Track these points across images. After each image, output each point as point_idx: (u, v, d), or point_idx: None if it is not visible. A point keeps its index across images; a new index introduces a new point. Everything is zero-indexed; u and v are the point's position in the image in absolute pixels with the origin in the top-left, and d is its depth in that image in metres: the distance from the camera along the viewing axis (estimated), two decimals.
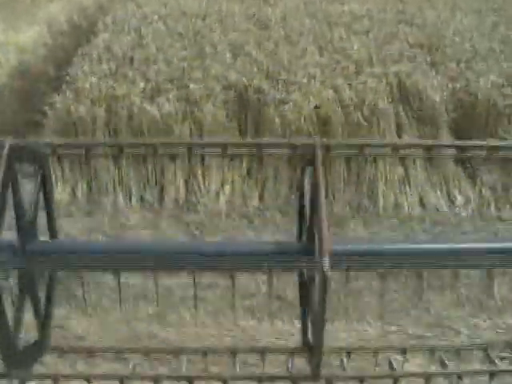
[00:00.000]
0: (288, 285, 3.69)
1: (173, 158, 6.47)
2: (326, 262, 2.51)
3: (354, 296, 4.59)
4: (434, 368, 4.27)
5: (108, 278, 4.54)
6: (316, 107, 6.59)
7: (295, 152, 3.22)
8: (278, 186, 6.50)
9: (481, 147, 3.65)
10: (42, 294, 3.17)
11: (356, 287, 4.45)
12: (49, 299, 3.27)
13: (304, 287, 3.09)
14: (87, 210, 6.18)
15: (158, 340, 4.47)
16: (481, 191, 6.65)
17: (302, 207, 3.06)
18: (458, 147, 3.58)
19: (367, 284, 4.65)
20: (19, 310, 2.90)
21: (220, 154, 3.40)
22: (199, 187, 6.52)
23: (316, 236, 2.70)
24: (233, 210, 6.32)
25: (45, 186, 3.14)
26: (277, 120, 6.49)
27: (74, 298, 4.51)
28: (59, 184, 6.63)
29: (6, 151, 2.71)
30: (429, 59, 7.89)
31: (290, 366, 3.37)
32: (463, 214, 6.33)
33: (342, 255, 2.84)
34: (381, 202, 6.41)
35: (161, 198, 6.51)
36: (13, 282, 2.92)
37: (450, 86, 7.15)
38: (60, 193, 6.54)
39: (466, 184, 6.71)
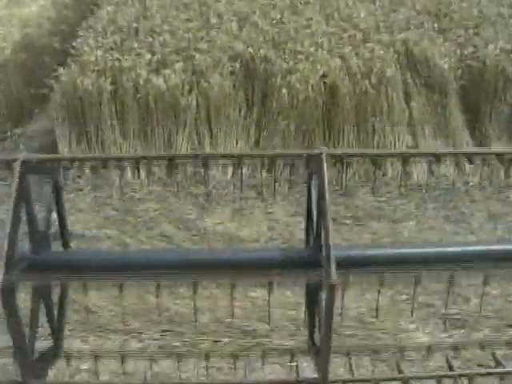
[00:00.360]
0: None
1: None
2: (333, 273, 2.54)
3: None
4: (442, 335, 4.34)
5: None
6: (324, 76, 6.53)
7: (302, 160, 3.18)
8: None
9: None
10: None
11: None
12: (61, 308, 3.28)
13: (310, 291, 3.09)
14: (95, 184, 6.16)
15: (169, 313, 4.48)
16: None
17: (309, 212, 3.04)
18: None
19: None
20: (33, 319, 2.92)
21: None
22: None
23: (323, 246, 2.70)
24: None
25: (57, 197, 3.14)
26: (284, 90, 6.44)
27: None
28: None
29: (18, 167, 2.71)
30: (436, 26, 7.80)
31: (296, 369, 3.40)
32: (472, 181, 6.29)
33: (348, 264, 2.83)
34: (389, 171, 6.38)
35: (169, 171, 6.50)
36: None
37: (457, 52, 7.07)
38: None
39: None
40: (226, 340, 4.29)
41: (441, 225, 5.64)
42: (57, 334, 3.21)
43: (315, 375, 2.93)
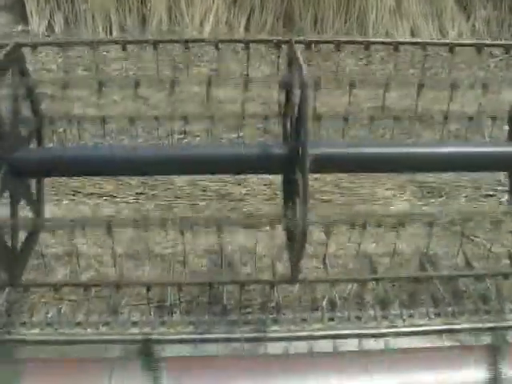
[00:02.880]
0: None
1: None
2: (307, 166, 2.61)
3: None
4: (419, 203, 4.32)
5: None
6: None
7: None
8: (264, 16, 6.25)
9: None
10: None
11: None
12: (37, 208, 3.28)
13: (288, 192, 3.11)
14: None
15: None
16: (474, 25, 6.47)
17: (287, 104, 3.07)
18: None
19: None
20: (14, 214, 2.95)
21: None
22: (182, 16, 6.28)
23: (300, 137, 2.70)
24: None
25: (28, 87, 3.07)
26: None
27: None
28: (34, 17, 6.33)
29: None
30: None
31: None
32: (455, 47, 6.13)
33: (324, 158, 2.84)
34: (371, 34, 6.22)
35: (143, 29, 6.27)
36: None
37: None
38: (36, 27, 6.30)
39: (460, 17, 6.50)
40: (202, 204, 4.23)
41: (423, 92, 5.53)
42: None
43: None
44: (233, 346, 3.26)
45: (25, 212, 3.24)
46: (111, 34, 6.23)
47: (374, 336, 3.36)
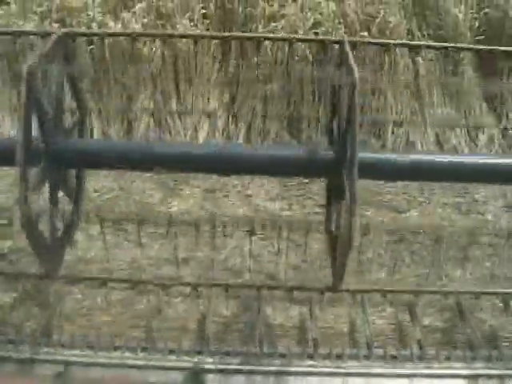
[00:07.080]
0: None
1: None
2: (355, 171, 2.52)
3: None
4: None
5: None
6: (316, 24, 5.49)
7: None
8: (267, 124, 5.53)
9: None
10: None
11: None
12: (76, 198, 3.24)
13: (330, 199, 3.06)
14: None
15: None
16: (506, 129, 5.77)
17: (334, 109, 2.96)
18: None
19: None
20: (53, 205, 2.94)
21: None
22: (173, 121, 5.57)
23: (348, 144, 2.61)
24: None
25: (74, 86, 3.07)
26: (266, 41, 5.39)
27: None
28: None
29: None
30: None
31: None
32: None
33: (372, 164, 2.84)
34: (389, 140, 5.54)
35: (128, 134, 5.57)
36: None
37: None
38: None
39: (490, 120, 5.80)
40: None
41: (447, 214, 5.03)
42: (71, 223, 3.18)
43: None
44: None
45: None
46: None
47: (408, 376, 3.30)
